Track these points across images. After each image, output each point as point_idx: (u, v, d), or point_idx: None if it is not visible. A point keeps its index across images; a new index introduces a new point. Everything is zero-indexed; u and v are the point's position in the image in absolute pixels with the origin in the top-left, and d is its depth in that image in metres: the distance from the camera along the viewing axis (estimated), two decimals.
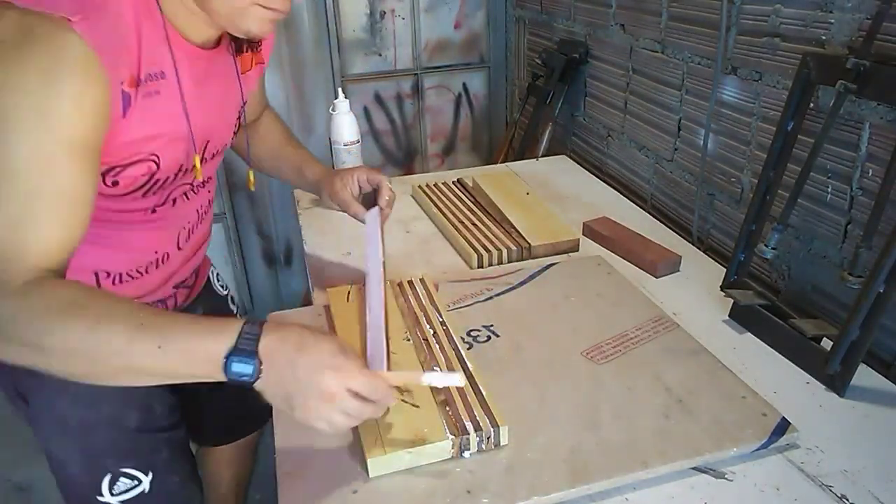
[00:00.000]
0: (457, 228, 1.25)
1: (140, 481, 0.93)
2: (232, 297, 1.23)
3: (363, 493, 0.68)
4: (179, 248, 0.94)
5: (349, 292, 1.00)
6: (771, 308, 0.94)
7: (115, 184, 0.75)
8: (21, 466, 1.84)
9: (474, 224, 1.26)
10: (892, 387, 0.84)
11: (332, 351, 0.63)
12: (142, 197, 0.80)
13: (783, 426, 0.74)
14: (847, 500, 0.67)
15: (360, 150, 1.42)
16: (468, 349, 0.88)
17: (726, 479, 0.70)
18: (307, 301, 1.24)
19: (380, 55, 2.16)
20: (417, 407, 0.76)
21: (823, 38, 0.94)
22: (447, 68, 2.24)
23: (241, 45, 0.86)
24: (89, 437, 0.90)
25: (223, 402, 1.13)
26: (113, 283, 0.87)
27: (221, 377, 0.61)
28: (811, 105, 0.94)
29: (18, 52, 0.61)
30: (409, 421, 0.73)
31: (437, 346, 0.87)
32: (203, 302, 1.10)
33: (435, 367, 0.83)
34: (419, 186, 1.45)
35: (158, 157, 0.77)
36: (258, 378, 0.61)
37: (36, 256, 0.62)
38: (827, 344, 0.86)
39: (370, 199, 1.04)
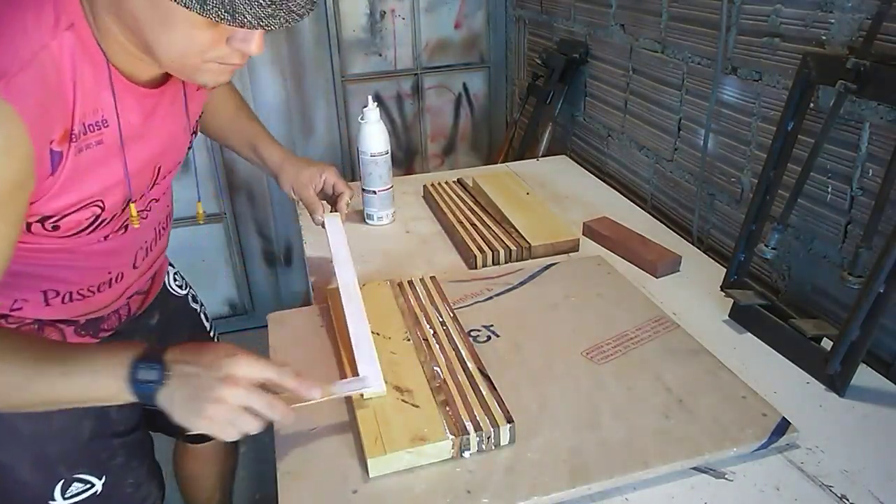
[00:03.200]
0: (457, 228, 1.25)
1: (93, 484, 0.93)
2: (193, 296, 1.19)
3: (363, 493, 0.68)
4: (135, 267, 0.91)
5: None
6: (771, 308, 0.94)
7: (56, 227, 0.72)
8: None
9: (474, 224, 1.26)
10: (892, 387, 0.84)
11: (231, 347, 0.66)
12: (87, 235, 0.77)
13: (783, 426, 0.74)
14: (847, 500, 0.67)
15: (389, 162, 1.27)
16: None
17: (726, 479, 0.70)
18: (307, 301, 1.24)
19: (380, 55, 2.16)
20: (417, 407, 0.76)
21: (823, 38, 0.94)
22: (447, 68, 2.24)
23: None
24: (42, 447, 0.88)
25: None
26: (62, 301, 0.84)
27: (127, 392, 0.63)
28: (811, 105, 0.94)
29: None
30: (409, 421, 0.73)
31: (437, 347, 0.87)
32: (160, 306, 1.06)
33: (435, 368, 0.83)
34: (430, 185, 1.44)
35: (103, 202, 0.74)
36: (164, 383, 0.63)
37: None
38: (827, 344, 0.86)
39: (329, 202, 1.07)
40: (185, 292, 1.17)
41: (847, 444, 0.75)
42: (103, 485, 0.93)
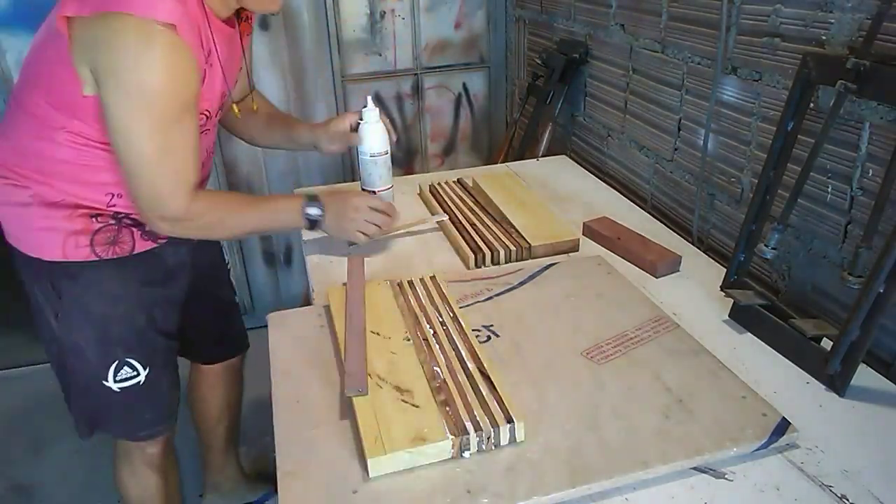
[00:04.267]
0: (457, 228, 1.25)
1: (138, 373, 1.14)
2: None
3: (363, 493, 0.68)
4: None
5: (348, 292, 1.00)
6: (771, 308, 0.94)
7: None
8: (21, 466, 1.84)
9: (474, 224, 1.26)
10: (892, 387, 0.84)
11: (357, 192, 1.21)
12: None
13: (783, 426, 0.74)
14: (847, 500, 0.67)
15: (388, 162, 1.26)
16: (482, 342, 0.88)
17: (726, 479, 0.70)
18: (307, 301, 1.24)
19: (380, 55, 2.16)
20: (417, 407, 0.76)
21: (823, 38, 0.94)
22: (447, 68, 2.24)
23: (241, 16, 1.10)
24: (107, 327, 1.10)
25: (206, 324, 1.38)
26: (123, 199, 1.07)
27: (303, 220, 1.09)
28: (811, 105, 0.94)
29: (147, 53, 0.87)
30: (409, 421, 0.73)
31: (438, 346, 0.87)
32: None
33: (435, 368, 0.83)
34: (429, 185, 1.45)
35: (209, 111, 1.05)
36: (324, 214, 1.10)
37: (191, 186, 0.99)
38: (827, 344, 0.86)
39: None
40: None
41: (847, 444, 0.75)
42: (146, 376, 1.14)
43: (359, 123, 1.24)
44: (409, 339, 0.89)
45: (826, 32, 0.93)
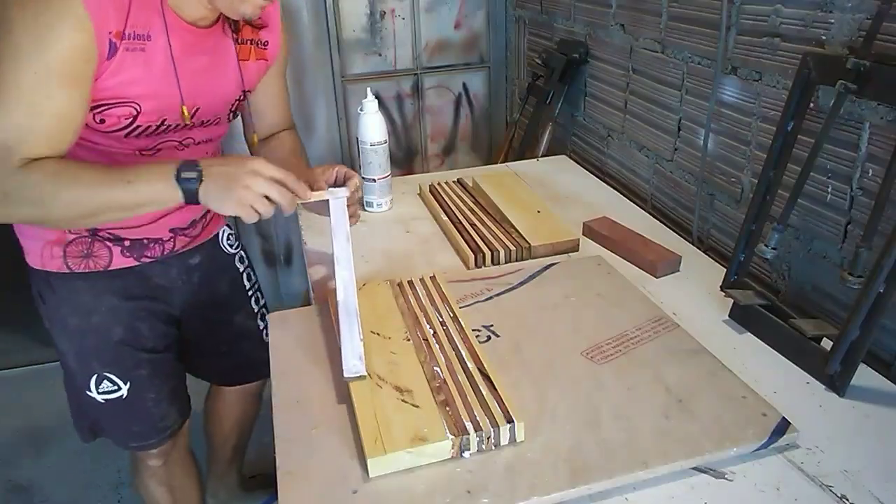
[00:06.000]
0: (457, 228, 1.25)
1: (119, 387, 1.11)
2: (241, 258, 1.34)
3: (363, 493, 0.68)
4: None
5: None
6: (771, 308, 0.94)
7: (102, 121, 0.90)
8: (21, 466, 1.84)
9: (474, 224, 1.26)
10: (892, 387, 0.84)
11: (253, 157, 0.87)
12: (124, 138, 0.94)
13: (783, 426, 0.74)
14: (847, 500, 0.67)
15: (387, 151, 1.36)
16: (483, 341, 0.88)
17: (726, 479, 0.70)
18: (307, 301, 1.24)
19: (380, 55, 2.16)
20: (417, 407, 0.76)
21: (823, 38, 0.94)
22: (447, 68, 2.24)
23: (239, 29, 1.02)
24: (81, 340, 1.08)
25: (222, 348, 1.32)
26: None
27: (174, 189, 0.83)
28: (811, 105, 0.94)
29: (35, 7, 0.79)
30: (409, 421, 0.73)
31: (437, 346, 0.87)
32: (203, 252, 1.21)
33: (435, 368, 0.83)
34: (430, 185, 1.45)
35: (139, 105, 0.91)
36: (202, 180, 0.83)
37: (31, 154, 0.81)
38: (827, 344, 0.86)
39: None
40: (234, 251, 1.32)
41: (847, 444, 0.75)
42: (128, 391, 1.11)
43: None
44: (409, 339, 0.89)
45: (826, 32, 0.93)
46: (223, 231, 1.29)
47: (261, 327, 1.35)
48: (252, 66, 1.07)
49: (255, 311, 1.36)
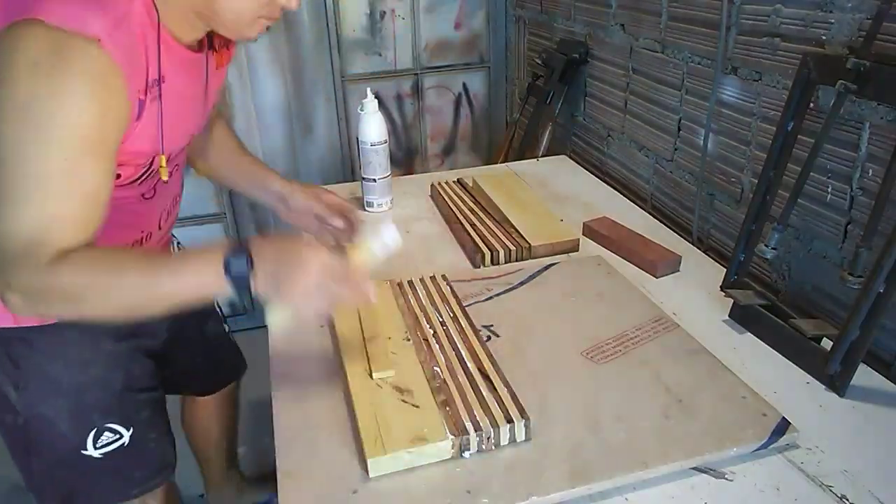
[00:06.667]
0: (457, 228, 1.24)
1: (121, 435, 1.02)
2: None
3: (363, 493, 0.68)
4: (160, 228, 1.01)
5: None
6: (771, 308, 0.94)
7: (118, 176, 0.82)
8: None
9: (474, 224, 1.26)
10: (892, 387, 0.84)
11: (308, 240, 0.76)
12: (137, 185, 0.88)
13: (783, 426, 0.74)
14: (847, 500, 0.67)
15: (387, 150, 1.35)
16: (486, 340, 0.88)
17: (726, 479, 0.70)
18: None
19: (380, 55, 2.16)
20: (417, 407, 0.76)
21: (823, 38, 0.94)
22: (447, 68, 2.24)
23: (214, 43, 0.91)
24: (80, 396, 0.98)
25: (196, 359, 1.27)
26: None
27: (224, 282, 0.71)
28: (811, 105, 0.94)
29: (53, 73, 0.67)
30: (409, 421, 0.73)
31: (438, 346, 0.87)
32: None
33: (435, 368, 0.83)
34: (430, 185, 1.45)
35: (156, 152, 0.84)
36: (252, 270, 0.71)
37: (63, 247, 0.70)
38: (827, 344, 0.86)
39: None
40: None
41: (847, 444, 0.75)
42: (130, 437, 1.02)
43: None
44: (409, 339, 0.89)
45: (826, 32, 0.93)
46: (174, 241, 1.19)
47: (227, 329, 1.35)
48: (222, 73, 0.98)
49: (220, 314, 1.34)
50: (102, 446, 1.00)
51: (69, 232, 0.71)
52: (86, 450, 0.99)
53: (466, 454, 0.72)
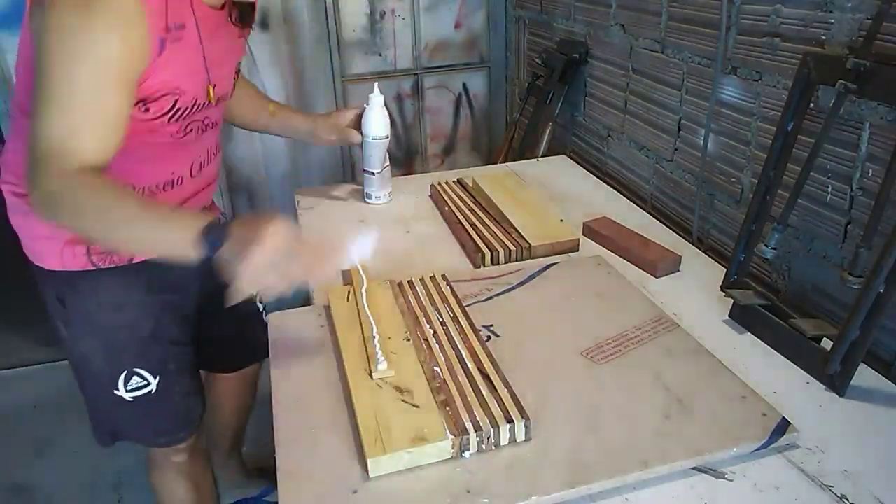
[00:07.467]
0: (457, 228, 1.24)
1: (149, 382, 1.11)
2: None
3: (363, 493, 0.68)
4: (192, 176, 1.08)
5: (349, 292, 1.00)
6: (771, 308, 0.94)
7: (147, 110, 0.92)
8: (21, 466, 1.84)
9: (474, 224, 1.26)
10: (892, 387, 0.84)
11: (276, 220, 0.78)
12: (167, 123, 0.96)
13: (783, 426, 0.74)
14: (847, 500, 0.67)
15: (387, 144, 1.38)
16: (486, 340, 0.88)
17: (726, 479, 0.70)
18: (307, 301, 1.25)
19: (380, 55, 2.16)
20: (417, 407, 0.76)
21: (823, 38, 0.94)
22: (447, 68, 2.24)
23: (237, 15, 1.04)
24: (112, 335, 1.08)
25: (225, 334, 1.33)
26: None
27: (192, 250, 0.78)
28: (811, 105, 0.94)
29: (87, 9, 0.79)
30: (409, 421, 0.73)
31: (438, 346, 0.87)
32: None
33: (435, 368, 0.83)
34: (430, 185, 1.45)
35: (179, 91, 0.94)
36: (222, 246, 0.78)
37: (82, 158, 0.81)
38: (827, 344, 0.86)
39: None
40: None
41: (847, 444, 0.75)
42: (157, 385, 1.12)
43: (361, 114, 1.33)
44: (409, 339, 0.89)
45: (826, 32, 0.93)
46: (222, 216, 1.29)
47: (260, 308, 1.39)
48: (244, 42, 1.12)
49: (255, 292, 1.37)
50: (132, 389, 1.10)
51: (89, 144, 0.82)
52: (118, 390, 1.10)
53: (466, 454, 0.72)
